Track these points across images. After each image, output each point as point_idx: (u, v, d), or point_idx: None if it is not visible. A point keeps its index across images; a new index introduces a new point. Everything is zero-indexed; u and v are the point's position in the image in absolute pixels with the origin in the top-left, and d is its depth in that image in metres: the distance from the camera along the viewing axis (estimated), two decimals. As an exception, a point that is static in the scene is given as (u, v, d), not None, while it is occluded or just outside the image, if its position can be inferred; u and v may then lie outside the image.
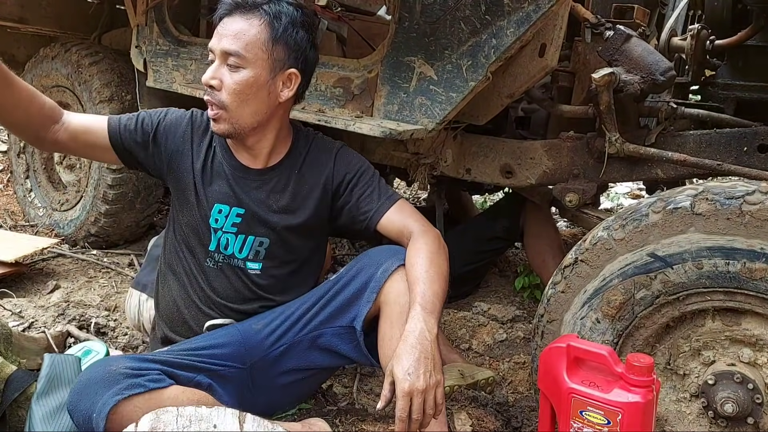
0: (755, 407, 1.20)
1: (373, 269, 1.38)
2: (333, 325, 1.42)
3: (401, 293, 1.33)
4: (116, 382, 1.17)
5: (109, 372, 1.19)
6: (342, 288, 1.42)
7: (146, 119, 1.48)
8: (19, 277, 2.40)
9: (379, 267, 1.38)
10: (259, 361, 1.44)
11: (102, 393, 1.16)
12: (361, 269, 1.41)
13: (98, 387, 1.17)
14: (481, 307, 2.34)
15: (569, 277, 1.37)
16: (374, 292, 1.35)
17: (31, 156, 3.05)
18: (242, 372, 1.42)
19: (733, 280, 1.20)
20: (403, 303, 1.31)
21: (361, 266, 1.42)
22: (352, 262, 1.47)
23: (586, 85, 1.74)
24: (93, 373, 1.21)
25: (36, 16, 2.92)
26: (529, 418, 1.72)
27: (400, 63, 1.70)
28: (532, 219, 2.29)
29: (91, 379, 1.19)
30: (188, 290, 1.50)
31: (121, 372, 1.19)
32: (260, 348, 1.44)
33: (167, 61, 2.34)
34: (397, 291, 1.34)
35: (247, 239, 1.47)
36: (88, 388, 1.17)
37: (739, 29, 1.82)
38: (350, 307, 1.40)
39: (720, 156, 1.62)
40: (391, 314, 1.33)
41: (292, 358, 1.46)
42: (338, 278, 1.45)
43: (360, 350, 1.39)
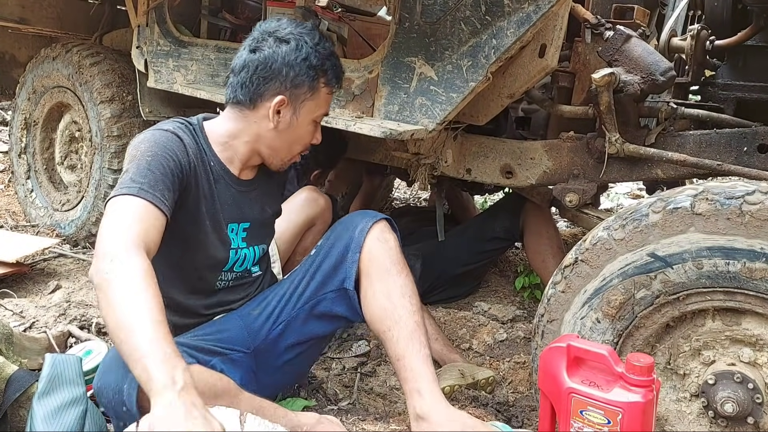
0: (755, 407, 1.20)
1: (350, 232, 1.47)
2: (325, 291, 1.48)
3: (377, 249, 1.44)
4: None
5: None
6: (325, 256, 1.49)
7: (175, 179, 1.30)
8: (21, 277, 2.40)
9: (356, 228, 1.47)
10: (261, 344, 1.48)
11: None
12: (339, 235, 1.49)
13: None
14: (482, 306, 2.34)
15: (569, 277, 1.37)
16: (356, 252, 1.44)
17: (32, 156, 3.06)
18: (247, 357, 1.45)
19: (733, 280, 1.20)
20: (380, 258, 1.44)
21: (338, 233, 1.50)
22: (327, 232, 1.55)
23: (586, 85, 1.74)
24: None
25: (37, 16, 2.93)
26: (530, 418, 1.72)
27: (400, 63, 1.70)
28: (532, 219, 2.29)
29: (119, 355, 1.20)
30: (193, 305, 1.50)
31: None
32: (261, 331, 1.48)
33: (168, 62, 2.35)
34: (374, 248, 1.44)
35: (253, 249, 1.53)
36: (117, 361, 1.18)
37: (739, 29, 1.82)
38: (337, 271, 1.47)
39: (720, 156, 1.62)
40: (370, 270, 1.44)
41: (293, 333, 1.50)
42: (318, 250, 1.52)
43: (354, 309, 1.46)
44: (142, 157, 1.26)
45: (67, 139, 2.98)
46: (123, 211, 1.17)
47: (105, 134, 2.61)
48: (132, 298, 1.03)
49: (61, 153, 3.02)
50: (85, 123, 2.75)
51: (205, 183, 1.39)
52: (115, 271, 1.06)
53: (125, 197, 1.19)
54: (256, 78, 1.39)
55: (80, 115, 2.80)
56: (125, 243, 1.11)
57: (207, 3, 2.51)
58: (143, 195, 1.19)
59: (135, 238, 1.12)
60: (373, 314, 1.43)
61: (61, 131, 3.00)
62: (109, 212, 1.18)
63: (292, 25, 1.43)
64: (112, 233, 1.13)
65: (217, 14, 2.55)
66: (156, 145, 1.29)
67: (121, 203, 1.18)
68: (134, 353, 0.99)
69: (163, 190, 1.23)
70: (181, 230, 1.35)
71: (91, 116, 2.68)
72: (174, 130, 1.36)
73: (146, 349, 0.98)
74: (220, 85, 2.18)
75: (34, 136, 3.03)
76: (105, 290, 1.06)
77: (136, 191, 1.19)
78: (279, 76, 1.39)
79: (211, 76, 2.21)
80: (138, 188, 1.19)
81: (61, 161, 3.03)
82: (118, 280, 1.05)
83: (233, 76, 1.43)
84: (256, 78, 1.39)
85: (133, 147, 1.31)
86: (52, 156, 3.05)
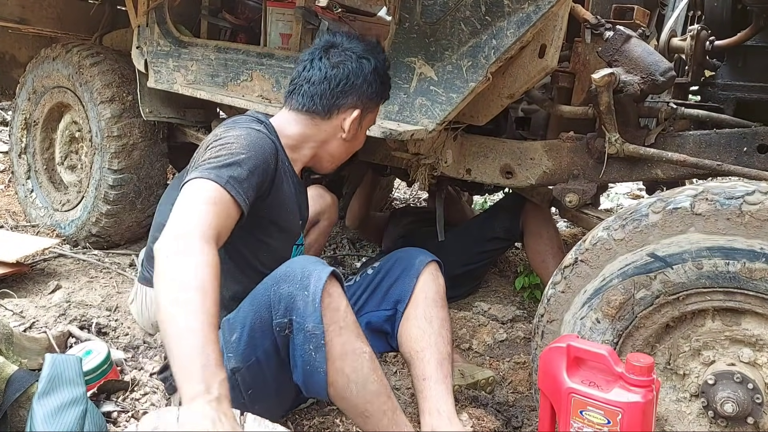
0: (755, 407, 1.20)
1: (409, 260, 1.60)
2: (380, 308, 1.60)
3: (430, 282, 1.57)
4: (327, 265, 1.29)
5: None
6: (384, 276, 1.62)
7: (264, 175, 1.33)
8: (21, 277, 2.40)
9: (416, 259, 1.60)
10: None
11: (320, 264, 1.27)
12: (399, 260, 1.62)
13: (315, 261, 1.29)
14: (482, 307, 2.34)
15: (569, 277, 1.37)
16: (414, 278, 1.56)
17: (33, 157, 3.06)
18: None
19: (733, 280, 1.20)
20: (430, 290, 1.56)
21: (398, 259, 1.63)
22: (387, 257, 1.68)
23: (586, 85, 1.74)
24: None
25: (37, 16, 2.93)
26: (529, 418, 1.72)
27: (400, 64, 1.70)
28: (532, 219, 2.29)
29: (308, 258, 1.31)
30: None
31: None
32: None
33: (168, 62, 2.35)
34: (427, 280, 1.57)
35: (301, 242, 1.63)
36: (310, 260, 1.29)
37: (739, 30, 1.83)
38: (392, 292, 1.59)
39: (720, 156, 1.62)
40: (418, 298, 1.55)
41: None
42: (377, 270, 1.65)
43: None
44: (238, 151, 1.27)
45: (67, 139, 2.98)
46: (206, 195, 1.16)
47: (105, 134, 2.61)
48: (189, 292, 1.00)
49: (61, 153, 3.02)
50: (86, 123, 2.75)
51: (286, 181, 1.45)
52: (183, 255, 1.04)
53: (211, 183, 1.18)
54: (338, 91, 1.46)
55: (80, 116, 2.80)
56: (200, 228, 1.09)
57: (207, 3, 2.51)
58: (229, 188, 1.19)
59: (210, 227, 1.11)
60: (410, 335, 1.53)
61: (61, 131, 3.00)
62: (192, 191, 1.17)
63: (364, 43, 1.51)
64: (190, 214, 1.12)
65: (217, 14, 2.55)
66: (253, 145, 1.31)
67: (206, 187, 1.18)
68: (178, 350, 0.97)
69: (248, 189, 1.24)
70: (263, 225, 1.40)
71: (91, 116, 2.68)
72: (264, 131, 1.40)
73: (190, 350, 0.96)
74: (220, 85, 2.18)
75: (35, 137, 3.03)
76: (166, 270, 1.03)
77: (224, 182, 1.19)
78: (358, 92, 1.47)
79: (211, 76, 2.21)
80: (226, 180, 1.20)
81: (62, 161, 3.03)
82: (182, 266, 1.03)
83: (309, 86, 1.47)
84: (338, 91, 1.46)
85: (229, 137, 1.31)
86: (53, 156, 3.05)
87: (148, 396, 1.70)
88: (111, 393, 1.68)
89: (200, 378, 0.93)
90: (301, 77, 1.49)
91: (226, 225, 1.18)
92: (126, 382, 1.71)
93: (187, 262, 1.03)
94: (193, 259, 1.04)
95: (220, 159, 1.24)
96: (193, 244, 1.06)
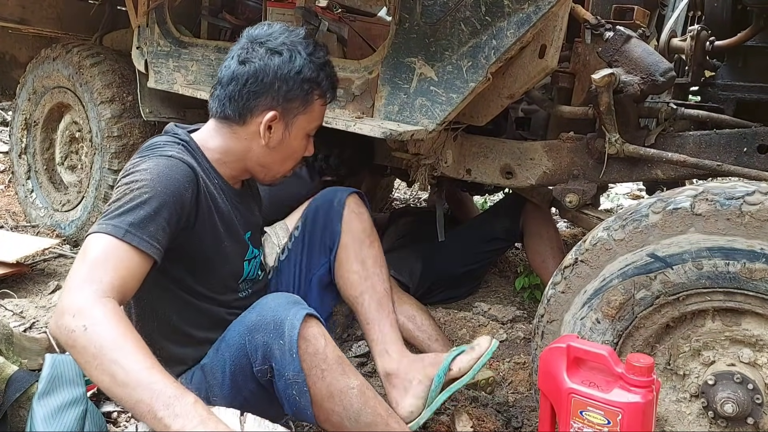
0: (755, 407, 1.20)
1: (328, 204, 1.58)
2: (321, 262, 1.59)
3: (353, 221, 1.56)
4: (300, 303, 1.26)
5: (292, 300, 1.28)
6: (312, 231, 1.60)
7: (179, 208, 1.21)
8: (21, 277, 2.40)
9: (333, 201, 1.58)
10: None
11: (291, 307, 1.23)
12: (318, 209, 1.59)
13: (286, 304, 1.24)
14: (482, 307, 2.34)
15: (569, 278, 1.37)
16: (338, 223, 1.56)
17: (33, 157, 3.06)
18: None
19: (733, 281, 1.20)
20: (356, 229, 1.56)
21: (317, 207, 1.60)
22: (304, 209, 1.65)
23: (586, 85, 1.74)
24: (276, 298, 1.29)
25: (37, 17, 2.93)
26: (529, 418, 1.72)
27: (400, 64, 1.70)
28: (532, 219, 2.29)
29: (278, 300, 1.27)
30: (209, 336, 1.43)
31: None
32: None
33: (168, 62, 2.35)
34: (351, 219, 1.56)
35: (256, 254, 1.52)
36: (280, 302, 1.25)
37: (739, 30, 1.83)
38: (325, 243, 1.58)
39: (720, 157, 1.62)
40: (347, 240, 1.56)
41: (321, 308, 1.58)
42: (303, 227, 1.62)
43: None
44: (142, 190, 1.15)
45: (67, 139, 2.98)
46: (100, 255, 1.07)
47: (105, 135, 2.61)
48: (109, 348, 0.96)
49: (61, 153, 3.02)
50: (86, 123, 2.75)
51: (218, 200, 1.34)
52: (82, 327, 0.98)
53: (107, 238, 1.09)
54: (246, 92, 1.31)
55: (80, 116, 2.80)
56: (91, 296, 1.01)
57: (207, 3, 2.51)
58: (129, 238, 1.09)
59: (104, 290, 1.03)
60: (347, 281, 1.55)
61: (61, 132, 3.01)
62: (87, 251, 1.08)
63: (284, 34, 1.34)
64: (80, 283, 1.03)
65: (217, 15, 2.55)
66: (159, 180, 1.18)
67: (101, 245, 1.08)
68: (139, 407, 0.93)
69: (155, 231, 1.13)
70: (201, 252, 1.31)
71: (91, 117, 2.68)
72: (179, 155, 1.26)
73: (149, 399, 0.93)
74: (220, 86, 2.18)
75: (35, 137, 3.03)
76: (77, 347, 0.98)
77: (122, 234, 1.09)
78: (270, 91, 1.31)
79: (211, 76, 2.21)
80: (125, 230, 1.10)
81: (62, 162, 3.03)
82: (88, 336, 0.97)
83: (220, 89, 1.34)
84: (246, 92, 1.31)
85: (136, 174, 1.20)
86: (53, 156, 3.05)
87: (148, 396, 1.70)
88: (111, 393, 1.67)
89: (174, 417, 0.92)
90: (216, 80, 1.36)
91: (131, 277, 1.09)
92: (126, 383, 1.71)
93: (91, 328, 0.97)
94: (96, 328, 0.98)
95: (122, 204, 1.13)
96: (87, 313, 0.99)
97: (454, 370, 1.46)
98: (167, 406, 0.92)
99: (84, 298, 1.01)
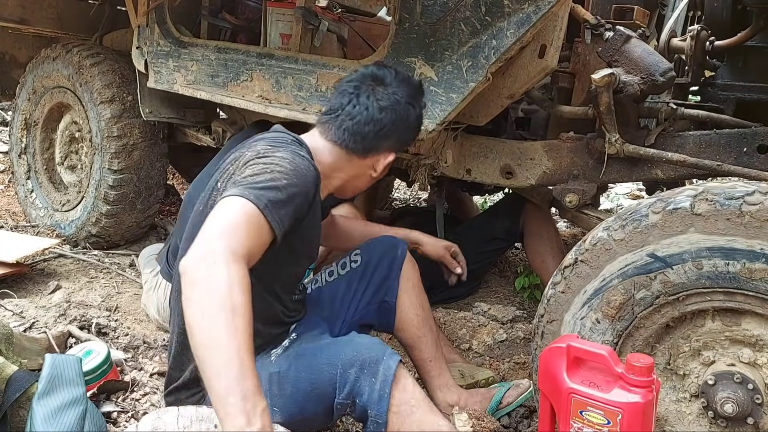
0: (755, 407, 1.20)
1: (391, 252, 1.70)
2: (370, 304, 1.69)
3: (411, 270, 1.72)
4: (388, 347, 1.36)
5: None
6: (373, 272, 1.69)
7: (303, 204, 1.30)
8: (21, 277, 2.40)
9: (397, 249, 1.71)
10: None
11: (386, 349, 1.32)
12: (383, 254, 1.70)
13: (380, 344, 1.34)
14: (482, 307, 2.34)
15: (569, 278, 1.37)
16: (399, 270, 1.69)
17: (33, 157, 3.06)
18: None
19: (733, 281, 1.20)
20: (413, 277, 1.72)
21: (381, 252, 1.70)
22: (365, 248, 1.73)
23: (586, 85, 1.74)
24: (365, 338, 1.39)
25: (37, 17, 2.93)
26: (530, 419, 1.72)
27: (400, 64, 1.70)
28: (532, 219, 2.29)
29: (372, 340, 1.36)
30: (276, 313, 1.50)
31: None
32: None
33: (168, 62, 2.35)
34: (408, 268, 1.71)
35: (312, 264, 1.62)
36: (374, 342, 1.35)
37: (739, 30, 1.83)
38: (382, 287, 1.69)
39: (720, 157, 1.62)
40: (407, 286, 1.70)
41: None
42: (363, 265, 1.70)
43: (388, 321, 1.70)
44: (280, 175, 1.23)
45: (67, 139, 2.98)
46: (240, 216, 1.12)
47: (105, 135, 2.61)
48: (222, 313, 0.98)
49: (61, 153, 3.02)
50: (86, 123, 2.75)
51: (317, 208, 1.43)
52: (213, 275, 1.01)
53: (248, 203, 1.14)
54: (379, 136, 1.46)
55: (80, 116, 2.80)
56: (231, 247, 1.05)
57: (207, 3, 2.51)
58: (266, 212, 1.16)
59: (242, 246, 1.08)
60: (411, 323, 1.70)
61: (61, 132, 3.00)
62: (228, 209, 1.13)
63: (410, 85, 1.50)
64: (221, 234, 1.08)
65: (217, 15, 2.55)
66: (296, 173, 1.27)
67: (242, 208, 1.14)
68: (216, 379, 0.95)
69: (284, 216, 1.20)
70: (290, 248, 1.34)
71: (91, 117, 2.68)
72: (309, 159, 1.36)
73: (227, 382, 0.94)
74: (220, 86, 2.18)
75: (35, 137, 3.03)
76: (196, 290, 1.01)
77: (263, 205, 1.15)
78: (399, 137, 1.50)
79: (211, 76, 2.21)
80: (265, 203, 1.16)
81: (62, 162, 3.03)
82: (213, 287, 1.00)
83: (353, 124, 1.44)
84: (379, 136, 1.46)
85: (273, 159, 1.27)
86: (53, 156, 3.05)
87: (148, 396, 1.70)
88: (111, 393, 1.68)
89: (241, 410, 0.93)
90: (344, 111, 1.45)
91: (258, 247, 1.15)
92: (126, 383, 1.71)
93: (218, 282, 1.00)
94: (224, 279, 1.01)
95: (261, 180, 1.20)
96: (224, 263, 1.02)
97: (504, 402, 1.72)
98: (245, 399, 0.94)
99: (222, 249, 1.04)
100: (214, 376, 0.95)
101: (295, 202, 1.24)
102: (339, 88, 1.51)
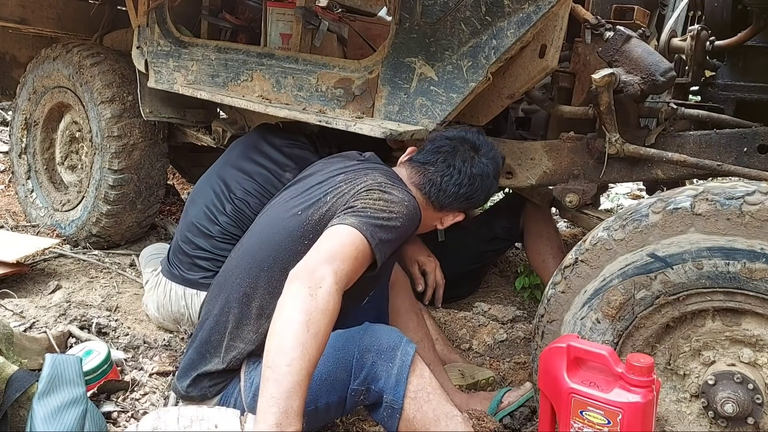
0: (755, 407, 1.20)
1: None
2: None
3: (402, 276, 1.78)
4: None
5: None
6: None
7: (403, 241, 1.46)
8: (21, 277, 2.40)
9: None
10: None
11: (403, 337, 1.34)
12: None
13: (398, 332, 1.36)
14: (482, 307, 2.34)
15: (569, 278, 1.37)
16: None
17: (33, 157, 3.06)
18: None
19: (733, 281, 1.20)
20: (405, 284, 1.77)
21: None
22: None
23: (587, 85, 1.74)
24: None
25: (37, 17, 2.93)
26: (530, 419, 1.72)
27: (400, 64, 1.70)
28: (532, 219, 2.29)
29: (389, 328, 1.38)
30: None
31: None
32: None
33: (168, 62, 2.35)
34: (400, 275, 1.77)
35: None
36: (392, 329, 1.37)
37: (739, 30, 1.83)
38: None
39: (720, 156, 1.62)
40: (400, 294, 1.77)
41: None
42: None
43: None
44: (396, 217, 1.37)
45: (67, 139, 2.98)
46: (352, 249, 1.26)
47: (105, 134, 2.61)
48: (303, 335, 1.09)
49: (61, 153, 3.02)
50: (86, 123, 2.75)
51: None
52: (313, 297, 1.13)
53: (363, 240, 1.28)
54: (460, 199, 1.56)
55: (81, 116, 2.80)
56: (336, 276, 1.18)
57: (207, 3, 2.51)
58: (376, 250, 1.30)
59: (345, 276, 1.21)
60: (406, 327, 1.71)
61: (61, 131, 3.00)
62: (344, 238, 1.27)
63: (497, 160, 1.62)
64: (333, 258, 1.21)
65: (218, 14, 2.55)
66: (408, 217, 1.41)
67: (357, 241, 1.27)
68: (272, 383, 1.06)
69: (386, 253, 1.34)
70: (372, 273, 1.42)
71: (91, 116, 2.68)
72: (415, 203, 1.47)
73: (280, 391, 1.05)
74: (220, 86, 2.18)
75: (35, 137, 3.03)
76: (294, 302, 1.13)
77: (375, 243, 1.29)
78: (473, 203, 1.61)
79: (211, 76, 2.21)
80: (378, 241, 1.30)
81: (62, 161, 3.02)
82: (310, 308, 1.12)
83: (441, 180, 1.54)
84: (460, 199, 1.56)
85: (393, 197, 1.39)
86: (53, 156, 3.05)
87: (148, 396, 1.70)
88: (111, 393, 1.68)
89: (277, 421, 1.03)
90: (438, 167, 1.55)
91: (358, 275, 1.28)
92: (126, 382, 1.71)
93: (315, 306, 1.13)
94: (322, 302, 1.13)
95: (380, 218, 1.33)
96: (327, 291, 1.15)
97: (504, 402, 1.73)
98: (286, 414, 1.04)
99: (329, 274, 1.18)
100: (272, 380, 1.06)
101: (400, 242, 1.41)
102: (436, 140, 1.60)
